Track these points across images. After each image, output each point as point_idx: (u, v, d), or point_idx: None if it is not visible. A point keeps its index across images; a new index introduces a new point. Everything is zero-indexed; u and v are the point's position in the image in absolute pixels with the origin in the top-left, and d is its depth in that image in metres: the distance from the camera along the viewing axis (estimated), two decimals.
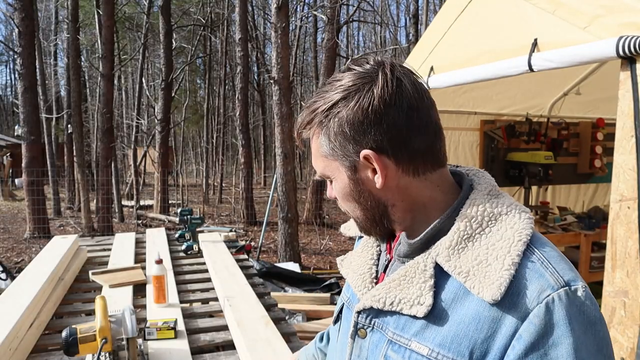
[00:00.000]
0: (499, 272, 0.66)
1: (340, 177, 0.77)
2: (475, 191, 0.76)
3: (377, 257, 0.85)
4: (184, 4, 17.00)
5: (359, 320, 0.79)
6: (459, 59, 2.67)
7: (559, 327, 0.63)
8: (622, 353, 1.71)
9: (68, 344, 1.60)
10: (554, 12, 2.08)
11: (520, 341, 0.64)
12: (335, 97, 0.73)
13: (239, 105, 11.11)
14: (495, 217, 0.72)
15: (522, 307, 0.64)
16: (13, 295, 2.31)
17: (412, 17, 15.29)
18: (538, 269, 0.67)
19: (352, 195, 0.78)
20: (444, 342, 0.68)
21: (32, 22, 8.37)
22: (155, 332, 2.03)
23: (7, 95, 40.36)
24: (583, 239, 3.46)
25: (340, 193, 0.79)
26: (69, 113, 12.42)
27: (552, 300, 0.64)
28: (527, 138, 4.22)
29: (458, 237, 0.71)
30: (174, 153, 19.23)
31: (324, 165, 0.78)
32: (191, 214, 3.77)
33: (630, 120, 1.69)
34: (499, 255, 0.68)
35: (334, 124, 0.73)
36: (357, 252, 0.88)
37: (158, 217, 10.75)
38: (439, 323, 0.69)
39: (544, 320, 0.63)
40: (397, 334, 0.73)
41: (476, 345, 0.66)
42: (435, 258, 0.72)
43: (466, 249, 0.70)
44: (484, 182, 0.79)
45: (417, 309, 0.70)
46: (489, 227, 0.71)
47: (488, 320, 0.66)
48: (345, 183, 0.77)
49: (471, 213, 0.72)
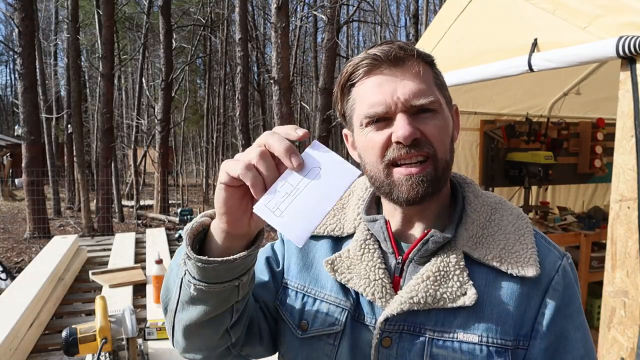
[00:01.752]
0: (527, 252, 0.75)
1: (447, 112, 0.77)
2: (468, 185, 0.84)
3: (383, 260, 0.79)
4: (184, 4, 17.00)
5: (385, 328, 0.74)
6: (458, 59, 2.66)
7: (571, 288, 0.76)
8: (622, 353, 1.71)
9: (68, 344, 1.60)
10: (554, 12, 2.08)
11: (548, 307, 0.73)
12: None
13: (239, 105, 11.10)
14: (494, 207, 0.81)
15: (544, 278, 0.74)
16: (13, 295, 2.31)
17: (412, 17, 15.29)
18: (545, 245, 0.78)
19: (450, 133, 0.78)
20: (490, 326, 0.72)
21: (32, 22, 8.36)
22: (155, 332, 2.03)
23: (7, 95, 40.35)
24: (583, 239, 3.45)
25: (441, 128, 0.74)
26: (69, 113, 12.42)
27: (564, 268, 0.76)
28: (527, 138, 4.21)
29: (475, 226, 0.78)
30: (174, 153, 19.23)
31: (437, 95, 0.75)
32: (191, 214, 3.77)
33: (630, 120, 1.69)
34: (517, 238, 0.77)
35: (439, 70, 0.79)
36: (353, 254, 0.80)
37: (158, 217, 10.75)
38: (479, 310, 0.72)
39: (563, 286, 0.75)
40: (438, 330, 0.73)
41: (517, 321, 0.72)
42: (463, 249, 0.75)
43: (484, 237, 0.77)
44: (464, 177, 0.86)
45: (463, 300, 0.72)
46: (493, 215, 0.80)
47: (522, 296, 0.73)
48: (449, 119, 0.78)
49: (476, 204, 0.80)
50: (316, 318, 0.80)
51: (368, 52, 0.74)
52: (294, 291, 0.84)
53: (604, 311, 1.77)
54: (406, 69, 0.73)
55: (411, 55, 0.73)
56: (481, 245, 0.76)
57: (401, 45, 0.73)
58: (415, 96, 0.72)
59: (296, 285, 0.84)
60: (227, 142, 19.70)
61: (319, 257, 0.84)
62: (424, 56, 0.76)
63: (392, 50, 0.72)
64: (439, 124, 0.74)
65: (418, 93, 0.72)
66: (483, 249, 0.75)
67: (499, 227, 0.78)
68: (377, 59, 0.73)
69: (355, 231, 0.82)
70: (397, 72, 0.73)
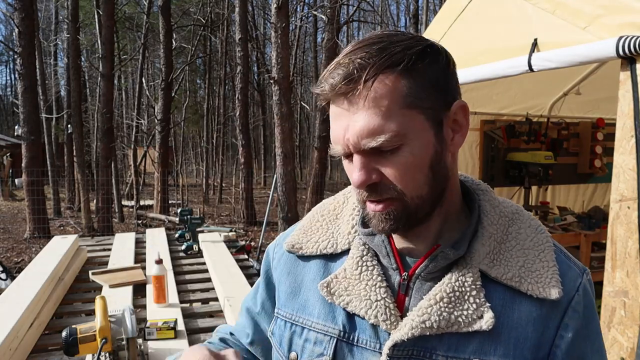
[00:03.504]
0: (548, 270, 0.68)
1: (422, 136, 0.63)
2: (483, 192, 0.74)
3: (384, 277, 0.71)
4: (184, 4, 17.00)
5: (394, 354, 0.67)
6: (458, 59, 2.64)
7: (590, 308, 0.70)
8: (622, 353, 1.71)
9: (68, 344, 1.60)
10: (554, 12, 2.08)
11: (567, 329, 0.67)
12: (413, 43, 0.62)
13: (239, 105, 11.11)
14: (511, 217, 0.73)
15: (564, 298, 0.68)
16: (13, 295, 2.31)
17: (412, 17, 15.30)
18: (565, 261, 0.71)
19: (430, 161, 0.64)
20: (507, 351, 0.65)
21: (32, 22, 8.37)
22: (155, 332, 2.03)
23: (7, 95, 40.38)
24: (583, 239, 3.46)
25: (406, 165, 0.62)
26: (69, 113, 12.42)
27: (584, 286, 0.70)
28: (527, 138, 4.22)
29: (492, 241, 0.69)
30: (174, 153, 19.22)
31: (402, 121, 0.61)
32: (191, 214, 3.77)
33: (630, 120, 1.69)
34: (536, 254, 0.70)
35: (429, 67, 0.62)
36: (349, 273, 0.72)
37: (158, 217, 10.74)
38: (495, 334, 0.65)
39: (582, 306, 0.69)
40: (451, 356, 0.66)
41: (535, 346, 0.66)
42: (479, 267, 0.68)
43: (502, 252, 0.69)
44: (475, 180, 0.76)
45: (479, 324, 0.65)
46: (510, 227, 0.72)
47: (541, 318, 0.67)
48: (429, 143, 0.63)
49: (492, 215, 0.71)
50: (304, 349, 0.75)
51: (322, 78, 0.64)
52: (282, 320, 0.79)
53: (604, 311, 1.77)
54: (358, 98, 0.61)
55: (359, 84, 0.60)
56: (499, 262, 0.68)
57: (349, 72, 0.60)
58: (363, 137, 0.61)
59: (284, 314, 0.79)
60: (227, 142, 19.70)
61: (307, 280, 0.77)
62: (388, 67, 0.60)
63: (338, 84, 0.61)
64: (404, 162, 0.62)
65: (367, 133, 0.60)
66: (501, 266, 0.68)
67: (517, 242, 0.70)
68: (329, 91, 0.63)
69: (351, 247, 0.74)
70: (349, 104, 0.62)
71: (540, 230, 0.72)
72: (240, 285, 2.71)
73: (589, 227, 3.58)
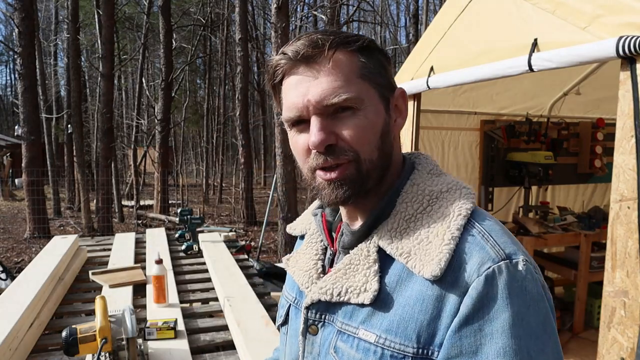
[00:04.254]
0: (439, 247, 0.63)
1: (375, 104, 0.70)
2: (416, 171, 0.75)
3: (323, 252, 0.80)
4: (184, 4, 17.00)
5: (309, 317, 0.75)
6: (459, 59, 2.66)
7: (496, 300, 0.60)
8: (622, 353, 1.71)
9: (68, 344, 1.60)
10: (554, 12, 2.08)
11: (458, 316, 0.61)
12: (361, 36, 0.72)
13: (239, 105, 11.11)
14: (436, 196, 0.70)
15: (463, 282, 0.61)
16: (13, 295, 2.31)
17: (412, 17, 15.31)
18: (479, 242, 0.64)
19: (382, 128, 0.70)
20: (391, 327, 0.65)
21: (32, 22, 8.37)
22: (155, 332, 2.03)
23: (7, 95, 40.38)
24: (583, 239, 3.45)
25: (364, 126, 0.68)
26: (69, 113, 12.42)
27: (492, 272, 0.61)
28: (527, 138, 4.22)
29: (399, 218, 0.70)
30: (174, 153, 19.23)
31: (360, 88, 0.67)
32: (191, 214, 3.77)
33: (630, 120, 1.69)
34: (439, 231, 0.65)
35: (377, 54, 0.72)
36: (302, 249, 0.84)
37: (158, 217, 10.75)
38: (384, 308, 0.67)
39: (482, 293, 0.60)
40: (345, 323, 0.70)
41: (422, 327, 0.63)
42: (378, 242, 0.70)
43: (408, 230, 0.68)
44: (425, 162, 0.77)
45: (363, 297, 0.68)
46: (430, 205, 0.69)
47: (432, 300, 0.63)
48: (381, 113, 0.70)
49: (411, 193, 0.71)
50: (279, 314, 0.90)
51: (284, 49, 0.70)
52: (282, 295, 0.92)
53: (604, 311, 1.77)
54: (320, 65, 0.67)
55: (324, 50, 0.66)
56: (399, 239, 0.68)
57: (313, 40, 0.67)
58: (326, 96, 0.66)
59: None
60: (227, 142, 19.71)
61: None
62: (346, 43, 0.68)
63: (302, 49, 0.67)
64: (360, 123, 0.67)
65: (330, 92, 0.66)
66: (400, 243, 0.67)
67: (427, 220, 0.68)
68: (290, 58, 0.68)
69: None
70: (311, 70, 0.67)
71: (458, 208, 0.67)
72: (240, 285, 2.71)
73: (589, 227, 3.58)
